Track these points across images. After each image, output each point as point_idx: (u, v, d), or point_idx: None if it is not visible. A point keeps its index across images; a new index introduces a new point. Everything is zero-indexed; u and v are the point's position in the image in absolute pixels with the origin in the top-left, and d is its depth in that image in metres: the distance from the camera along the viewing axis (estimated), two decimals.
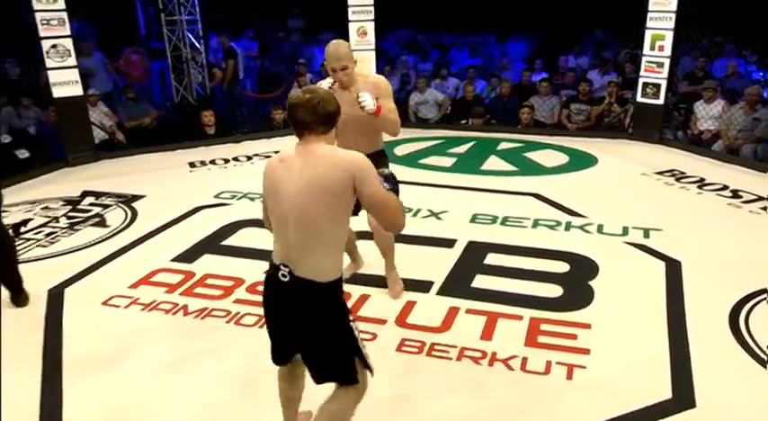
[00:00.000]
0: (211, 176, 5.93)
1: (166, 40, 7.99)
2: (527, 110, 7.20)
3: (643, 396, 2.68)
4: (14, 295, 3.54)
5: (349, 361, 2.05)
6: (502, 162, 6.17)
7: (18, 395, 2.76)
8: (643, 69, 6.72)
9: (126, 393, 2.78)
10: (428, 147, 6.71)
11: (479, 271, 3.84)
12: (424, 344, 3.10)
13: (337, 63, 2.97)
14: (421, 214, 4.78)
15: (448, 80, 8.22)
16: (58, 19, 5.82)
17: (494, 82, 7.95)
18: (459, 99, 7.89)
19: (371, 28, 7.13)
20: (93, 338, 3.22)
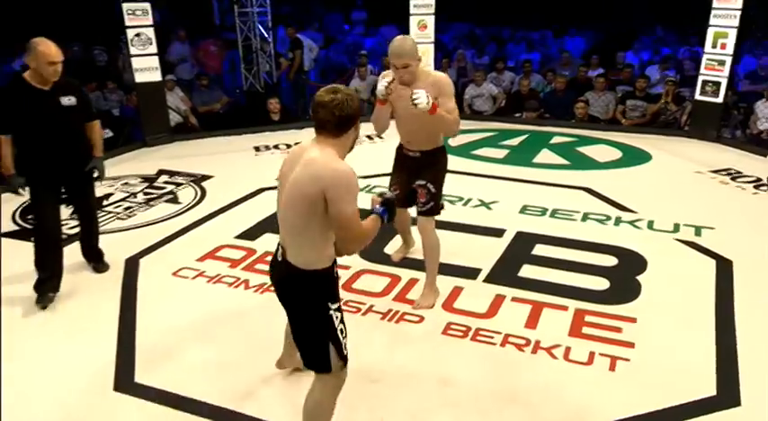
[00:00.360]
0: (274, 160, 6.02)
1: (238, 30, 8.14)
2: (582, 104, 6.99)
3: (686, 391, 2.59)
4: (97, 263, 3.73)
5: (323, 347, 2.05)
6: (554, 155, 6.02)
7: (95, 355, 2.91)
8: (703, 67, 6.41)
9: (189, 355, 2.89)
10: (481, 138, 6.61)
11: (527, 261, 3.77)
12: (469, 328, 3.08)
13: (398, 60, 2.82)
14: (471, 204, 4.73)
15: (504, 74, 8.06)
16: (142, 9, 6.02)
17: (549, 76, 7.74)
18: (515, 93, 7.73)
19: (431, 21, 7.05)
20: (164, 305, 3.35)
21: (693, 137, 6.54)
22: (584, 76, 7.59)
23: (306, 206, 1.93)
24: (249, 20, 8.14)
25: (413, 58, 2.82)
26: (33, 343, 3.04)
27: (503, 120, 7.31)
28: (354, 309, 3.27)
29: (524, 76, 7.73)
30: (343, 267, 3.69)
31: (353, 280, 3.57)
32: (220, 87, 8.04)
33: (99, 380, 2.72)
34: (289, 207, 1.98)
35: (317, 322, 2.05)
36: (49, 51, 3.15)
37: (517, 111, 7.45)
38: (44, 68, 3.17)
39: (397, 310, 3.24)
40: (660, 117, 6.89)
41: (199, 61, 8.35)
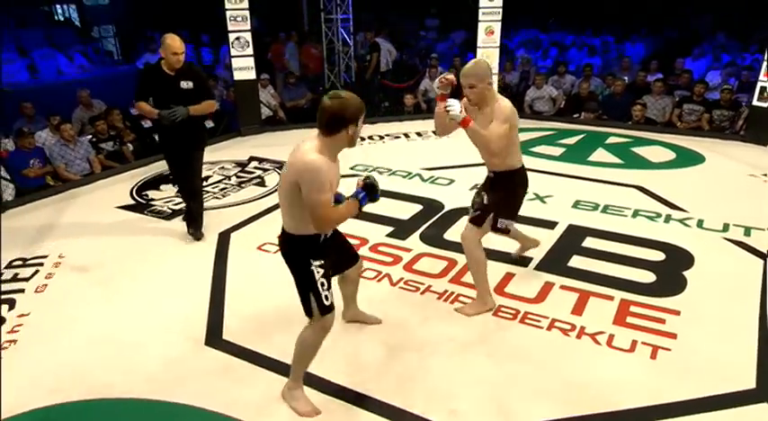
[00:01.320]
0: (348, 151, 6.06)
1: (323, 35, 8.23)
2: (639, 107, 6.60)
3: (726, 382, 2.43)
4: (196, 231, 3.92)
5: (306, 296, 2.25)
6: (609, 155, 5.74)
7: (191, 313, 3.06)
8: (763, 73, 5.89)
9: (269, 318, 2.98)
10: (540, 137, 6.39)
11: (577, 252, 3.63)
12: (518, 312, 3.01)
13: (465, 80, 2.69)
14: (527, 197, 4.51)
15: (565, 77, 7.73)
16: (242, 16, 6.19)
17: (609, 80, 7.36)
18: (574, 95, 7.41)
19: (498, 27, 6.86)
20: (249, 274, 3.47)
21: (749, 141, 6.05)
22: (642, 80, 7.17)
23: (287, 188, 2.11)
24: (333, 26, 8.21)
25: (479, 80, 2.66)
26: (140, 297, 3.23)
27: (561, 121, 7.03)
28: (414, 288, 3.26)
29: (584, 79, 7.39)
30: (405, 249, 3.69)
31: (414, 261, 3.56)
32: (306, 85, 8.18)
33: (193, 333, 2.86)
34: (280, 186, 2.19)
35: (302, 275, 2.23)
36: (174, 44, 3.56)
37: (576, 113, 7.15)
38: (169, 58, 3.57)
39: (452, 292, 3.21)
40: (714, 121, 6.41)
41: (302, 61, 8.50)
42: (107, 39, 11.15)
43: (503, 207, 2.95)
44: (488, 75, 2.69)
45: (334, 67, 8.37)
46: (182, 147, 3.75)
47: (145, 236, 4.03)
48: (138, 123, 6.45)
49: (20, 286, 3.35)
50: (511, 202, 2.97)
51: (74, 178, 5.21)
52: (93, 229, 4.15)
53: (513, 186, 2.93)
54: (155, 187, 5.03)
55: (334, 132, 2.07)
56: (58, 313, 3.08)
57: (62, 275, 3.49)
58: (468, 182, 4.92)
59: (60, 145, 5.27)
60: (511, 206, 2.98)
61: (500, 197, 2.92)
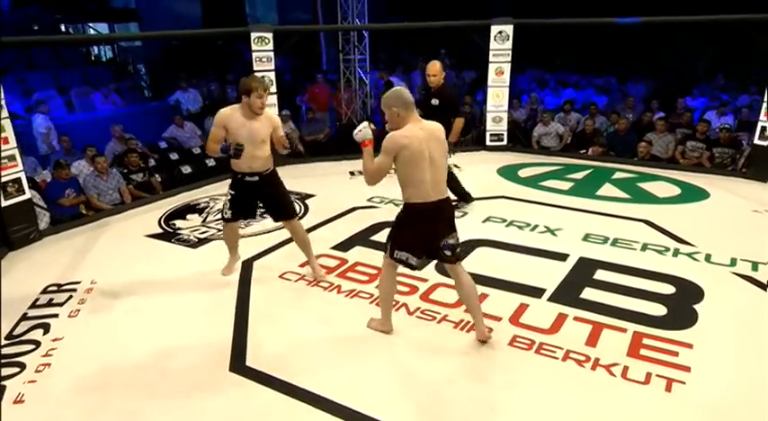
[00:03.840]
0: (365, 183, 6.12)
1: (341, 74, 8.41)
2: (645, 144, 6.61)
3: (741, 418, 2.35)
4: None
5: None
6: (616, 189, 5.72)
7: (216, 339, 3.05)
8: (763, 113, 5.89)
9: (292, 345, 2.97)
10: (548, 171, 6.40)
11: (588, 284, 3.59)
12: (533, 342, 2.96)
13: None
14: (538, 230, 4.58)
15: (571, 114, 7.79)
16: (266, 57, 6.35)
17: (613, 118, 7.41)
18: (580, 132, 7.45)
19: (507, 68, 6.96)
20: (272, 301, 3.47)
21: (751, 178, 6.01)
22: (648, 119, 7.19)
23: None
24: (351, 65, 8.39)
25: (386, 107, 2.72)
26: (166, 323, 3.23)
27: (568, 156, 7.04)
28: (430, 318, 3.23)
29: (590, 116, 7.44)
30: (421, 279, 3.67)
31: (430, 291, 3.54)
32: (324, 120, 8.31)
33: (218, 359, 2.85)
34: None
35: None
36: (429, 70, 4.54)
37: (581, 148, 7.17)
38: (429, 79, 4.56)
39: (468, 321, 3.17)
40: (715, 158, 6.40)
41: (313, 98, 8.66)
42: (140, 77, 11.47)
43: (396, 236, 2.84)
44: (393, 103, 2.68)
45: (351, 104, 8.51)
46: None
47: (172, 263, 4.05)
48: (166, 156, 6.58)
49: (54, 311, 3.37)
50: (403, 234, 2.81)
51: (105, 207, 5.28)
52: (123, 257, 4.19)
53: (407, 220, 2.79)
54: (181, 217, 5.08)
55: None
56: (90, 338, 3.09)
57: (94, 301, 3.51)
58: (480, 213, 4.92)
59: (94, 176, 5.37)
60: (403, 238, 2.81)
61: (395, 226, 2.87)
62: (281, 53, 6.55)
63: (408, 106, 2.70)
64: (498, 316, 3.22)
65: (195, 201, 5.49)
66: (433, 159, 2.70)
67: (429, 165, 2.68)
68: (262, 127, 3.36)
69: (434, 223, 2.77)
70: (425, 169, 2.68)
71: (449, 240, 2.81)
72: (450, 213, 2.83)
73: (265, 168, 3.52)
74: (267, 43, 6.29)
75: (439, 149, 2.73)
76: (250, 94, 3.30)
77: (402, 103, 2.68)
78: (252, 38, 6.23)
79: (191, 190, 5.83)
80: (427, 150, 2.68)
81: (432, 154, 2.69)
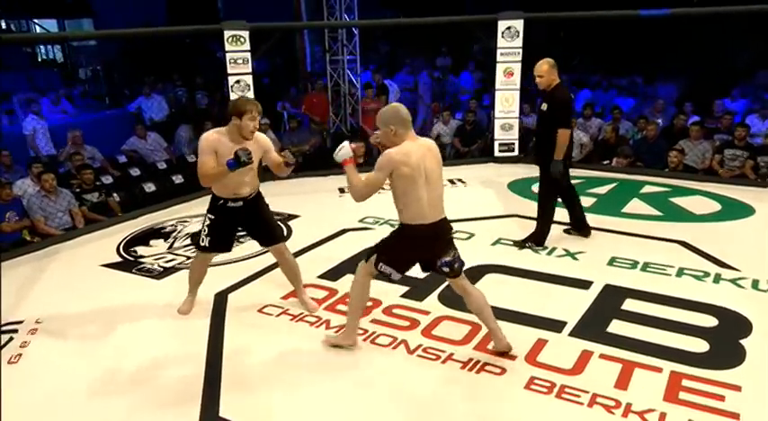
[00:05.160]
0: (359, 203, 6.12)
1: (329, 76, 8.50)
2: (676, 153, 6.67)
3: None
4: None
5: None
6: (645, 206, 5.76)
7: (184, 388, 3.02)
8: None
9: (272, 393, 2.94)
10: None
11: (616, 316, 3.59)
12: (553, 384, 2.95)
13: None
14: (556, 253, 4.59)
15: (591, 120, 7.89)
16: (242, 58, 6.42)
17: (641, 123, 7.49)
18: (602, 140, 7.53)
19: (518, 69, 7.06)
20: (249, 341, 3.45)
21: None
22: (682, 123, 7.26)
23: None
24: (339, 67, 8.49)
25: (382, 124, 2.97)
26: (126, 370, 3.19)
27: (590, 168, 7.10)
28: (434, 356, 3.22)
29: (613, 122, 7.53)
30: (422, 312, 3.67)
31: (433, 326, 3.54)
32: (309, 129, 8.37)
33: (186, 409, 2.82)
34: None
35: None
36: (534, 70, 4.53)
37: (604, 159, 7.24)
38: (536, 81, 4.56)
39: (477, 360, 3.16)
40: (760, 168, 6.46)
41: (311, 108, 8.70)
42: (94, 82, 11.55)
43: (387, 250, 3.09)
44: (390, 121, 2.93)
45: (339, 110, 8.59)
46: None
47: (133, 298, 4.03)
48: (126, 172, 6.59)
49: None
50: (396, 251, 3.07)
51: (54, 233, 5.27)
52: (74, 291, 4.16)
53: (402, 239, 3.04)
54: (144, 243, 5.07)
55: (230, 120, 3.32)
56: (33, 390, 3.05)
57: (39, 344, 3.47)
58: (489, 236, 4.94)
59: (40, 196, 5.36)
60: (394, 254, 3.07)
61: (389, 238, 3.13)
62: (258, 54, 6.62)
63: (406, 124, 2.95)
64: (512, 354, 3.20)
65: (160, 225, 5.49)
66: (430, 178, 2.94)
67: (425, 183, 2.92)
68: (252, 152, 3.34)
69: (431, 244, 3.03)
70: (422, 187, 2.92)
71: (445, 258, 3.05)
72: (447, 233, 3.09)
73: (250, 193, 3.60)
74: (243, 43, 6.37)
75: (435, 167, 2.99)
76: (242, 117, 3.33)
77: (399, 120, 2.93)
78: (225, 36, 6.31)
79: (155, 211, 5.84)
80: (423, 167, 2.92)
81: (428, 172, 2.94)
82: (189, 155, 7.34)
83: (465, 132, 8.10)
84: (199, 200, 6.15)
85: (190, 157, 7.17)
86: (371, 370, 3.14)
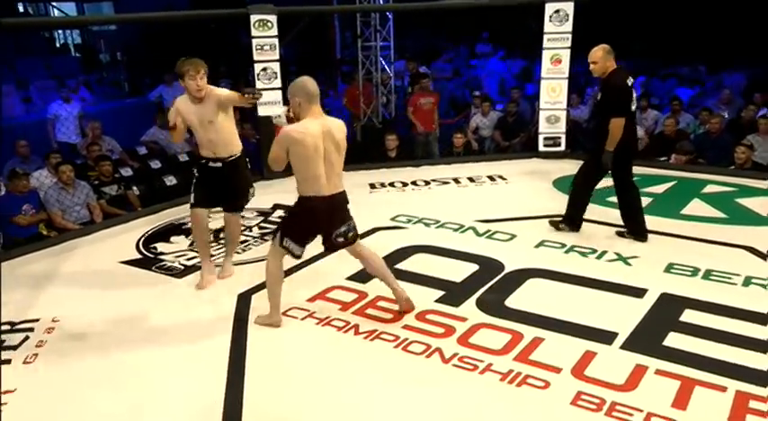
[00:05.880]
0: (389, 199, 6.14)
1: (360, 64, 8.51)
2: (743, 149, 6.48)
3: None
4: None
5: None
6: (708, 207, 5.62)
7: (204, 394, 3.06)
8: None
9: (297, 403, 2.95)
10: None
11: (674, 328, 3.51)
12: (603, 401, 2.90)
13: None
14: (606, 257, 4.51)
15: (648, 112, 7.73)
16: (270, 45, 6.47)
17: (704, 116, 7.31)
18: (659, 134, 7.37)
19: (567, 56, 6.94)
20: (273, 346, 3.48)
21: None
22: (751, 115, 7.05)
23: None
24: (371, 53, 8.49)
25: (290, 95, 3.30)
26: (143, 373, 3.25)
27: (645, 165, 6.94)
28: (471, 367, 3.20)
29: (672, 114, 7.36)
30: (459, 318, 3.65)
31: (470, 333, 3.51)
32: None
33: (206, 416, 2.85)
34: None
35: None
36: (589, 56, 4.66)
37: (661, 154, 7.08)
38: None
39: (519, 372, 3.13)
40: None
41: (353, 101, 8.74)
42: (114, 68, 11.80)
43: (287, 226, 3.56)
44: (297, 93, 3.24)
45: (371, 100, 8.60)
46: None
47: (152, 297, 4.10)
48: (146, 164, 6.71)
49: (6, 356, 3.43)
50: (294, 225, 3.51)
51: (71, 227, 5.40)
52: (92, 289, 4.25)
53: (299, 212, 3.45)
54: (164, 239, 5.16)
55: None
56: (48, 392, 3.13)
57: (55, 344, 3.56)
58: (532, 237, 4.88)
59: (57, 189, 5.50)
60: (293, 228, 3.49)
61: (287, 215, 3.63)
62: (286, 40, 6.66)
63: (311, 98, 3.25)
64: (557, 366, 3.16)
65: (181, 220, 5.57)
66: (329, 157, 3.29)
67: (323, 162, 3.27)
68: (206, 108, 3.91)
69: (327, 217, 3.41)
70: (319, 165, 3.27)
71: (341, 229, 3.46)
72: (343, 205, 3.47)
73: (229, 154, 4.08)
74: (270, 27, 6.42)
75: (334, 150, 3.31)
76: (183, 78, 3.85)
77: (305, 93, 3.24)
78: (252, 21, 6.36)
79: (176, 206, 5.90)
80: (322, 147, 3.25)
81: (327, 151, 3.27)
82: None
83: (506, 125, 8.03)
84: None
85: None
86: (403, 378, 3.13)
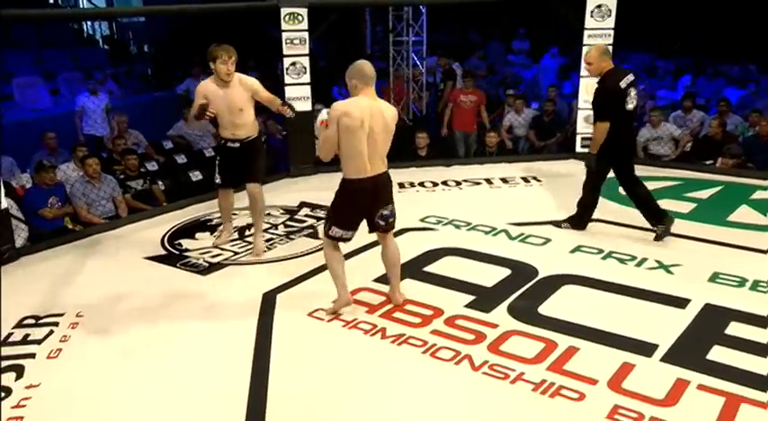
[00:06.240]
0: (419, 199, 6.13)
1: (391, 60, 8.53)
2: None
3: None
4: None
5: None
6: (757, 214, 5.50)
7: (228, 393, 3.10)
8: None
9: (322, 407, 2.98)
10: (661, 187, 6.21)
11: (718, 341, 3.45)
12: (642, 416, 2.86)
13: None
14: (647, 264, 4.46)
15: (692, 113, 7.61)
16: (299, 38, 6.51)
17: (754, 118, 7.16)
18: (704, 136, 7.25)
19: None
20: (298, 348, 3.51)
21: None
22: None
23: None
24: (403, 49, 8.50)
25: (347, 78, 3.51)
26: (167, 370, 3.31)
27: (689, 168, 6.85)
28: (502, 375, 3.19)
29: (719, 115, 7.24)
30: (489, 325, 3.65)
31: (501, 340, 3.50)
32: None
33: (230, 419, 2.89)
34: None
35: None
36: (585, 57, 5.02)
37: (706, 158, 6.97)
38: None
39: (552, 382, 3.11)
40: None
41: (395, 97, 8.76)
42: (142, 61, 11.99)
43: (331, 213, 3.70)
44: (354, 75, 3.45)
45: (402, 96, 8.61)
46: None
47: (176, 294, 4.17)
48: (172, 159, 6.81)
49: (30, 350, 3.51)
50: (338, 208, 3.65)
51: (96, 221, 5.52)
52: (116, 284, 4.34)
53: (343, 196, 3.60)
54: (190, 235, 5.23)
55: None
56: (72, 386, 3.20)
57: (79, 339, 3.64)
58: (568, 242, 4.85)
59: (83, 182, 5.62)
60: (336, 212, 3.66)
61: (332, 203, 3.68)
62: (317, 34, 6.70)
63: (367, 81, 3.46)
64: (593, 378, 3.13)
65: (207, 216, 5.66)
66: (373, 133, 3.43)
67: (367, 139, 3.42)
68: (236, 94, 4.39)
69: (371, 196, 3.57)
70: (362, 141, 3.41)
71: (384, 211, 3.63)
72: (387, 186, 3.64)
73: (247, 136, 4.55)
74: (301, 21, 6.46)
75: (381, 131, 3.47)
76: (215, 61, 4.31)
77: (361, 76, 3.46)
78: (282, 14, 6.42)
79: (202, 202, 5.99)
80: (368, 123, 3.41)
81: (373, 128, 3.43)
82: None
83: (542, 124, 7.97)
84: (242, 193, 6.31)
85: None
86: (431, 385, 3.14)
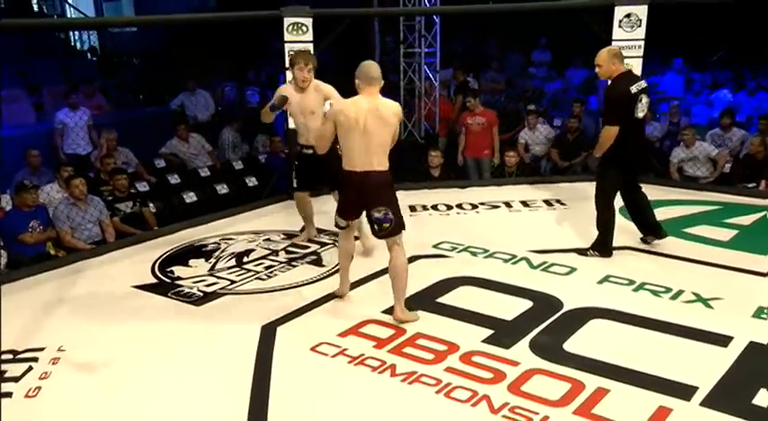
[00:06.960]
0: (432, 223, 6.11)
1: (402, 73, 8.58)
2: None
3: None
4: None
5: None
6: None
7: None
8: None
9: None
10: (697, 212, 6.20)
11: (765, 384, 3.39)
12: None
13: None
14: (683, 297, 4.41)
15: (731, 131, 7.59)
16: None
17: None
18: (745, 156, 7.23)
19: (638, 65, 6.86)
20: (299, 386, 3.48)
21: None
22: None
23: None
24: (414, 61, 8.55)
25: (356, 77, 3.94)
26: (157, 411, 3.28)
27: (728, 192, 6.80)
28: (524, 419, 3.14)
29: (761, 134, 7.22)
30: (510, 362, 3.61)
31: (523, 380, 3.46)
32: None
33: None
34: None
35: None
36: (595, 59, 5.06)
37: (748, 181, 6.93)
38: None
39: None
40: None
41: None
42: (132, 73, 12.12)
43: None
44: (358, 75, 3.88)
45: (412, 112, 8.64)
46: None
47: (168, 326, 4.16)
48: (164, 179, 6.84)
49: (7, 388, 3.48)
50: (339, 198, 4.25)
51: (81, 247, 5.53)
52: (102, 315, 4.32)
53: (341, 182, 4.10)
54: (183, 262, 5.21)
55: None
56: None
57: (61, 375, 3.61)
58: (595, 272, 4.81)
59: (68, 204, 5.63)
60: (339, 202, 4.24)
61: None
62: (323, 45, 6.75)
63: (369, 81, 3.87)
64: None
65: (201, 242, 5.66)
66: (368, 132, 3.83)
67: (361, 136, 3.83)
68: (310, 98, 4.88)
69: (356, 192, 3.98)
70: (356, 139, 3.86)
71: (375, 213, 3.95)
72: (374, 186, 3.95)
73: None
74: (305, 31, 6.52)
75: (376, 128, 3.85)
76: (293, 67, 4.86)
77: (364, 76, 3.88)
78: (285, 24, 6.48)
79: (195, 225, 6.01)
80: (363, 121, 3.81)
81: (367, 126, 3.82)
82: (236, 161, 7.56)
83: (566, 142, 7.95)
84: (246, 214, 6.34)
85: (237, 164, 7.38)
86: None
